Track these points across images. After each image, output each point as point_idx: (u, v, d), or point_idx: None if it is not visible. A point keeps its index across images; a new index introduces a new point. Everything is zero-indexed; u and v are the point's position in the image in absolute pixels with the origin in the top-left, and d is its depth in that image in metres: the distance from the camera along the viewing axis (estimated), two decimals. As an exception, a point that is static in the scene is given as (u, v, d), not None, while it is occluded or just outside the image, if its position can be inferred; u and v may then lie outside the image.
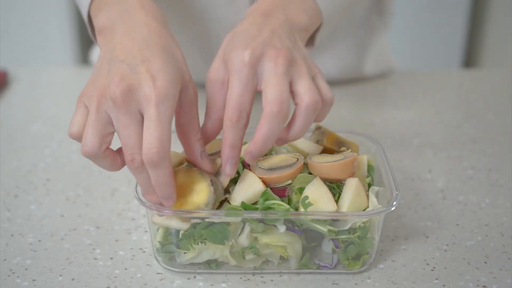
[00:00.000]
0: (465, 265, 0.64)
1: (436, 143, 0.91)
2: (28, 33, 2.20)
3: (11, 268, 0.63)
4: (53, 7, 2.15)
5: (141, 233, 0.69)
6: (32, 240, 0.67)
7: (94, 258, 0.64)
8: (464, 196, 0.77)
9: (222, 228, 0.59)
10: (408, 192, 0.77)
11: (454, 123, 0.98)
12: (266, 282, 0.61)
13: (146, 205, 0.59)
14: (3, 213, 0.72)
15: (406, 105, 1.04)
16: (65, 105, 1.05)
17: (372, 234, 0.61)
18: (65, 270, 0.63)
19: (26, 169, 0.82)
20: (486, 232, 0.70)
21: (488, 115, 1.02)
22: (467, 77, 1.22)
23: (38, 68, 1.19)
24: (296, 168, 0.62)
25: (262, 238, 0.60)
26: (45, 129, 0.94)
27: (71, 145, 0.89)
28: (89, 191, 0.77)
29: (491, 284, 0.61)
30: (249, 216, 0.59)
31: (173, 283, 0.61)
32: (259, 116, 0.57)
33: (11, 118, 0.98)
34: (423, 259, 0.65)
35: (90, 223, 0.70)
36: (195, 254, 0.61)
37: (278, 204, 0.59)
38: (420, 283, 0.61)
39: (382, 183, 0.65)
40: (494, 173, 0.83)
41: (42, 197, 0.76)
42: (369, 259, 0.62)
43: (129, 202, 0.75)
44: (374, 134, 0.88)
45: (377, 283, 0.61)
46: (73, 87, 1.15)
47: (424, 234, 0.69)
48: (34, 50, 2.23)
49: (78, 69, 1.45)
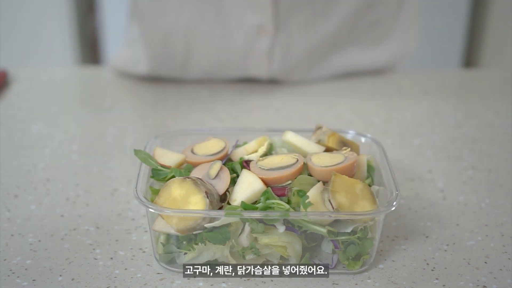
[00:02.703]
0: (465, 265, 0.64)
1: (436, 143, 0.91)
2: (28, 33, 2.19)
3: (11, 268, 0.63)
4: (53, 7, 2.15)
5: (141, 233, 0.69)
6: (32, 240, 0.67)
7: (94, 258, 0.64)
8: (464, 196, 0.77)
9: (223, 229, 0.59)
10: (408, 192, 0.77)
11: (454, 123, 0.98)
12: (266, 282, 0.61)
13: (146, 205, 0.59)
14: (3, 213, 0.72)
15: (406, 105, 1.04)
16: (65, 105, 1.05)
17: (372, 234, 0.61)
18: (65, 270, 0.63)
19: (26, 169, 0.82)
20: (486, 232, 0.70)
21: (488, 115, 1.02)
22: (467, 77, 1.22)
23: (38, 68, 1.19)
24: (296, 168, 0.62)
25: (262, 238, 0.60)
26: (45, 129, 0.94)
27: (71, 145, 0.89)
28: (89, 191, 0.77)
29: (491, 284, 0.61)
30: (248, 216, 0.59)
31: (173, 283, 0.61)
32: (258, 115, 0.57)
33: (11, 118, 0.98)
34: (423, 259, 0.65)
35: (90, 223, 0.70)
36: (195, 255, 0.61)
37: (278, 204, 0.59)
38: (420, 283, 0.61)
39: (382, 183, 0.65)
40: (494, 173, 0.83)
41: (42, 197, 0.76)
42: (369, 259, 0.62)
43: (129, 202, 0.75)
44: (374, 134, 0.88)
45: (377, 283, 0.61)
46: (73, 87, 1.15)
47: (424, 234, 0.69)
48: (34, 50, 2.23)
49: (78, 69, 1.45)
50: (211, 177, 0.62)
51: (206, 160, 0.66)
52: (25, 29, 2.19)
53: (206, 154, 0.67)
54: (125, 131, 0.95)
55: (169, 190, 0.60)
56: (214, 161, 0.64)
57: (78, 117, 1.01)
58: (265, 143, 0.69)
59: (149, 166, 0.67)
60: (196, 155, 0.68)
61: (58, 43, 2.21)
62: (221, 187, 0.62)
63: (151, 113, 1.02)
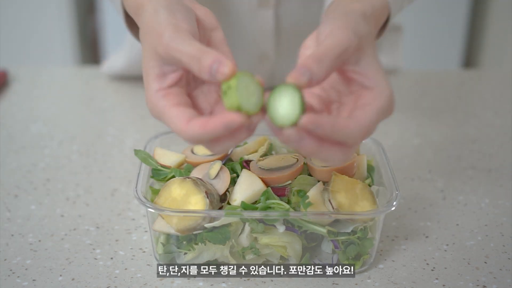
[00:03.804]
0: (465, 265, 0.64)
1: (436, 143, 0.91)
2: (28, 33, 2.19)
3: (11, 268, 0.63)
4: (53, 7, 2.15)
5: (141, 233, 0.69)
6: (32, 240, 0.67)
7: (94, 258, 0.64)
8: (464, 196, 0.77)
9: (223, 229, 0.59)
10: (408, 192, 0.77)
11: (454, 123, 0.98)
12: (266, 282, 0.61)
13: (146, 205, 0.59)
14: (3, 213, 0.72)
15: (406, 105, 1.04)
16: (65, 105, 1.05)
17: (372, 234, 0.61)
18: (65, 270, 0.63)
19: (26, 169, 0.82)
20: (486, 232, 0.70)
21: (488, 115, 1.02)
22: (467, 77, 1.22)
23: (38, 68, 1.19)
24: (296, 168, 0.62)
25: (262, 238, 0.60)
26: (45, 129, 0.94)
27: (71, 145, 0.89)
28: (89, 191, 0.77)
29: (491, 284, 0.61)
30: (248, 216, 0.59)
31: (173, 283, 0.61)
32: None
33: (11, 118, 0.98)
34: (423, 259, 0.65)
35: (90, 223, 0.70)
36: (195, 255, 0.61)
37: (277, 204, 0.59)
38: (420, 283, 0.61)
39: (382, 183, 0.65)
40: (494, 173, 0.83)
41: (42, 197, 0.76)
42: (369, 259, 0.62)
43: (129, 202, 0.75)
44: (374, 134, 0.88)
45: (377, 283, 0.61)
46: (73, 87, 1.15)
47: (424, 234, 0.69)
48: (34, 50, 2.23)
49: (78, 69, 1.45)
50: (211, 177, 0.62)
51: (206, 160, 0.66)
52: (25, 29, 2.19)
53: (206, 154, 0.67)
54: (125, 131, 0.95)
55: (169, 190, 0.60)
56: (214, 161, 0.64)
57: (78, 117, 1.01)
58: (265, 143, 0.69)
59: (149, 166, 0.67)
60: (196, 155, 0.68)
61: (58, 43, 2.21)
62: (221, 187, 0.62)
63: (151, 113, 1.02)
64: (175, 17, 0.53)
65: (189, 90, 0.56)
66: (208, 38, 0.57)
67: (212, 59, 0.49)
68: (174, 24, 0.52)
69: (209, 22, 0.57)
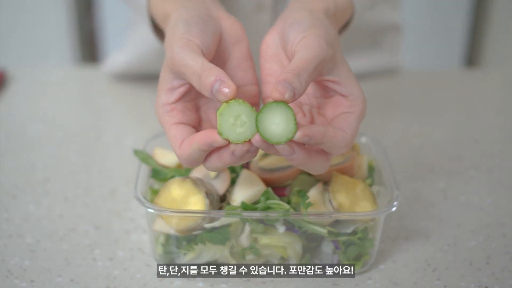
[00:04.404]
0: (466, 266, 0.63)
1: (437, 142, 0.91)
2: (28, 33, 2.19)
3: (9, 269, 0.62)
4: (51, 6, 2.15)
5: (141, 234, 0.68)
6: (31, 241, 0.67)
7: (93, 258, 0.64)
8: (466, 196, 0.77)
9: (223, 229, 0.59)
10: (409, 192, 0.77)
11: (455, 122, 0.98)
12: (266, 283, 0.61)
13: (145, 205, 0.59)
14: (2, 213, 0.72)
15: (406, 105, 1.04)
16: (64, 105, 1.05)
17: (373, 235, 0.61)
18: (64, 270, 0.62)
19: (24, 169, 0.82)
20: (488, 232, 0.69)
21: (490, 114, 1.01)
22: (469, 76, 1.21)
23: (37, 68, 1.19)
24: (296, 168, 0.62)
25: (262, 239, 0.60)
26: (44, 129, 0.94)
27: (70, 145, 0.89)
28: (88, 191, 0.77)
29: (492, 285, 0.61)
30: (248, 216, 0.58)
31: (172, 283, 0.61)
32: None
33: (10, 118, 0.98)
34: (424, 259, 0.64)
35: (89, 223, 0.70)
36: (195, 255, 0.60)
37: (277, 204, 0.59)
38: (421, 283, 0.61)
39: (383, 183, 0.65)
40: (496, 173, 0.82)
41: (40, 197, 0.75)
42: (370, 259, 0.62)
43: (129, 202, 0.74)
44: (374, 134, 0.88)
45: (378, 284, 0.61)
46: (72, 87, 1.14)
47: (425, 235, 0.69)
48: (34, 50, 2.22)
49: (77, 69, 1.45)
50: (211, 177, 0.62)
51: (206, 160, 0.66)
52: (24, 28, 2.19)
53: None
54: (124, 131, 0.94)
55: (168, 190, 0.60)
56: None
57: (77, 117, 1.00)
58: (265, 143, 0.68)
59: (149, 166, 0.67)
60: (195, 155, 0.67)
61: (57, 42, 2.21)
62: (221, 187, 0.61)
63: (151, 113, 1.01)
64: (190, 32, 0.54)
65: (198, 102, 0.57)
66: (230, 52, 0.58)
67: (214, 78, 0.49)
68: (185, 38, 0.53)
69: (235, 34, 0.58)
